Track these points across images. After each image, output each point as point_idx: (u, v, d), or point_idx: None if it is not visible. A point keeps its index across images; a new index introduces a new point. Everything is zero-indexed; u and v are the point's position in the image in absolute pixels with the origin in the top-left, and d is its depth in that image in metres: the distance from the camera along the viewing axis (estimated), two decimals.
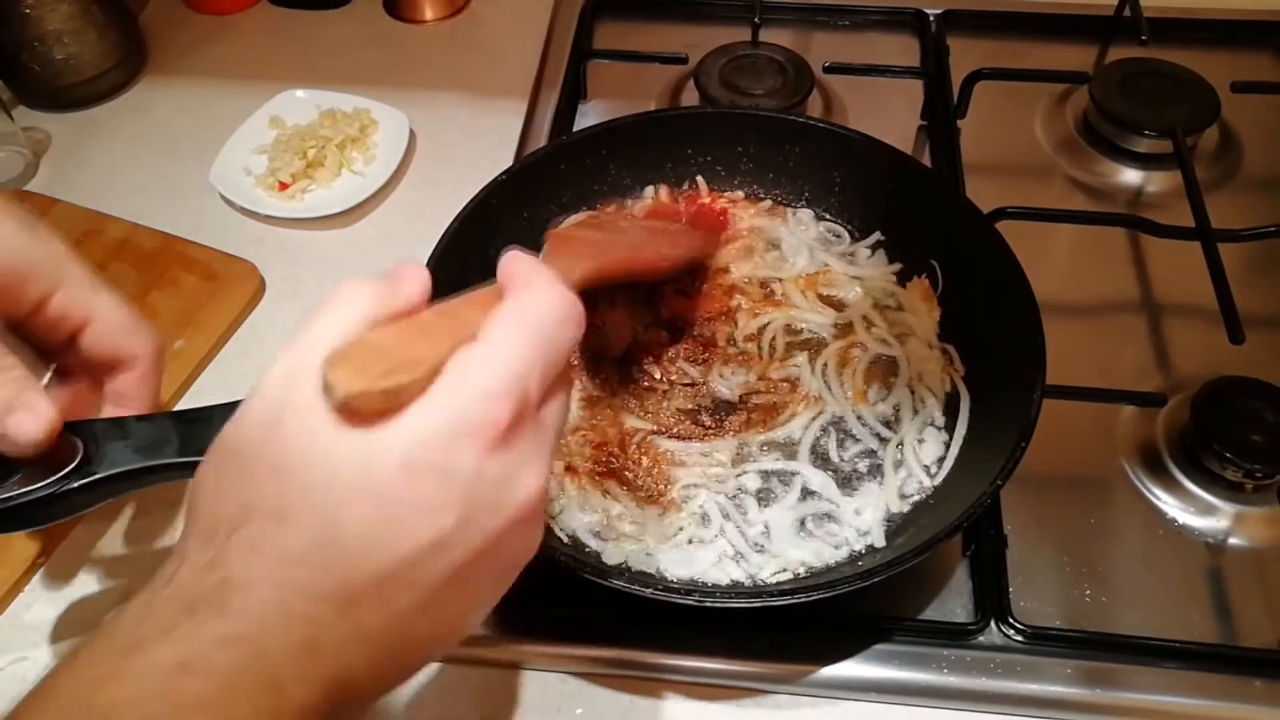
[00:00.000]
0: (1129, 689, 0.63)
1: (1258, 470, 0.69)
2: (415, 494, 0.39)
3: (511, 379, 0.40)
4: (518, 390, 0.40)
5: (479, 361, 0.40)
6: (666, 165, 0.86)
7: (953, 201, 0.77)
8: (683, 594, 0.62)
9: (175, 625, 0.37)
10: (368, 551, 0.38)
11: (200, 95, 1.04)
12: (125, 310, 0.59)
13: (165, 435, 0.56)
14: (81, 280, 0.57)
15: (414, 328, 0.42)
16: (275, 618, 0.37)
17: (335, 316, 0.41)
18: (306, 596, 0.38)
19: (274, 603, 0.37)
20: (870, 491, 0.69)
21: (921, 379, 0.74)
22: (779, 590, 0.64)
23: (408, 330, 0.42)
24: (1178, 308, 0.84)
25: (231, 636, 0.37)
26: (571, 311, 0.44)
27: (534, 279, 0.43)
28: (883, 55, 1.06)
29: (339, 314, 0.41)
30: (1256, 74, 1.00)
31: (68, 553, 0.71)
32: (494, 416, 0.40)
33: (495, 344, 0.41)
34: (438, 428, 0.39)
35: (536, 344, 0.42)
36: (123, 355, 0.59)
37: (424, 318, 0.43)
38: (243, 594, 0.37)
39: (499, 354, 0.41)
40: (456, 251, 0.73)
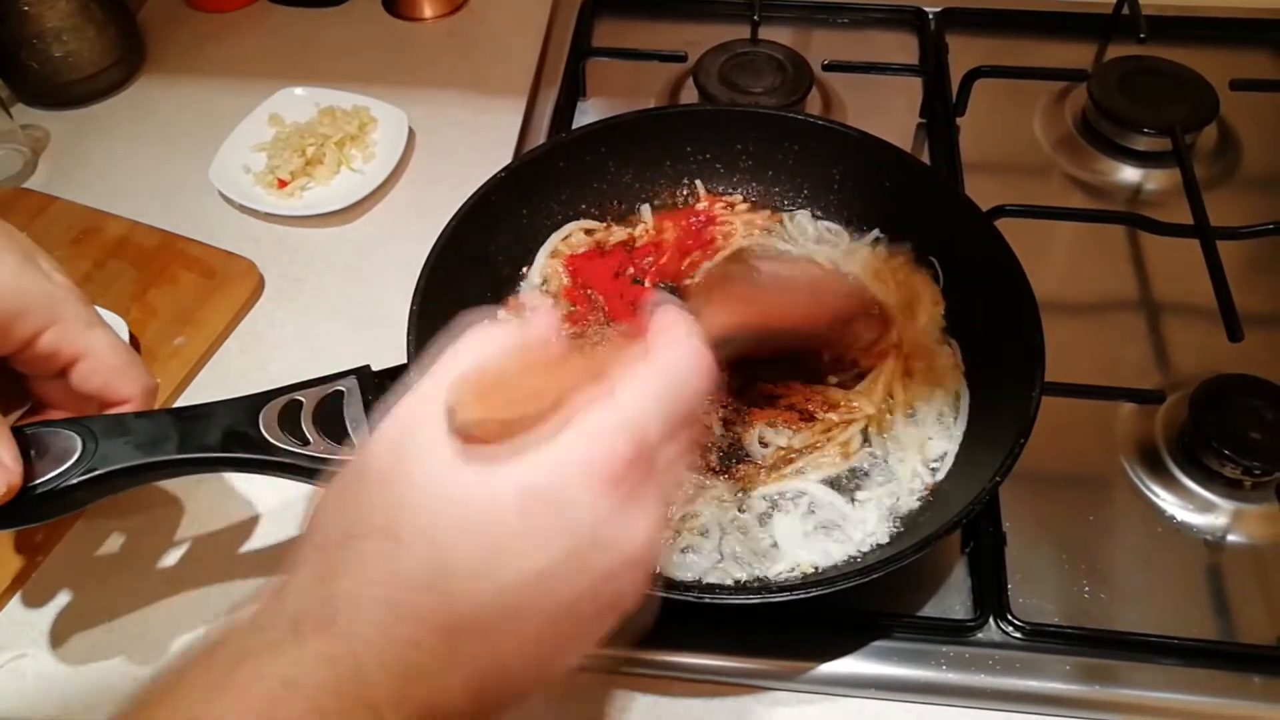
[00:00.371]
0: (1128, 686, 0.64)
1: (1256, 467, 0.70)
2: (525, 526, 0.39)
3: (632, 422, 0.41)
4: (637, 433, 0.41)
5: (603, 402, 0.41)
6: (665, 163, 0.86)
7: (952, 199, 0.77)
8: (681, 590, 0.62)
9: (282, 640, 0.37)
10: (474, 580, 0.38)
11: (199, 93, 1.04)
12: (120, 350, 0.59)
13: (165, 432, 0.56)
14: (78, 318, 0.57)
15: (541, 365, 0.43)
16: (378, 638, 0.37)
17: (468, 350, 0.43)
18: (410, 619, 0.38)
19: (377, 623, 0.37)
20: (874, 492, 0.69)
21: (928, 376, 0.74)
22: (777, 587, 0.64)
23: (534, 366, 0.43)
24: (1176, 305, 0.84)
25: (333, 656, 0.37)
26: (703, 367, 0.44)
27: (672, 333, 0.44)
28: (882, 53, 1.06)
29: (472, 348, 0.43)
30: (1255, 72, 1.00)
31: (68, 550, 0.71)
32: (610, 455, 0.40)
33: (624, 389, 0.42)
34: (553, 462, 0.39)
35: (663, 393, 0.42)
36: (111, 395, 0.58)
37: (552, 357, 0.44)
38: (348, 612, 0.37)
39: (624, 397, 0.41)
40: (455, 248, 0.73)
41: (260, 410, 0.58)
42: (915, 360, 0.75)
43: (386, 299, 0.68)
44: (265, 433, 0.58)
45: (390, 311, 0.67)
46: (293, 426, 0.58)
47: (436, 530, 0.39)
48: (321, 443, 0.59)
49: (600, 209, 0.85)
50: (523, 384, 0.42)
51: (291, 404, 0.59)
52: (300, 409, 0.59)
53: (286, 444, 0.57)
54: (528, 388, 0.41)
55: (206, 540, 0.71)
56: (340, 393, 0.61)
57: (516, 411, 0.40)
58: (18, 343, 0.55)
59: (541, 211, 0.83)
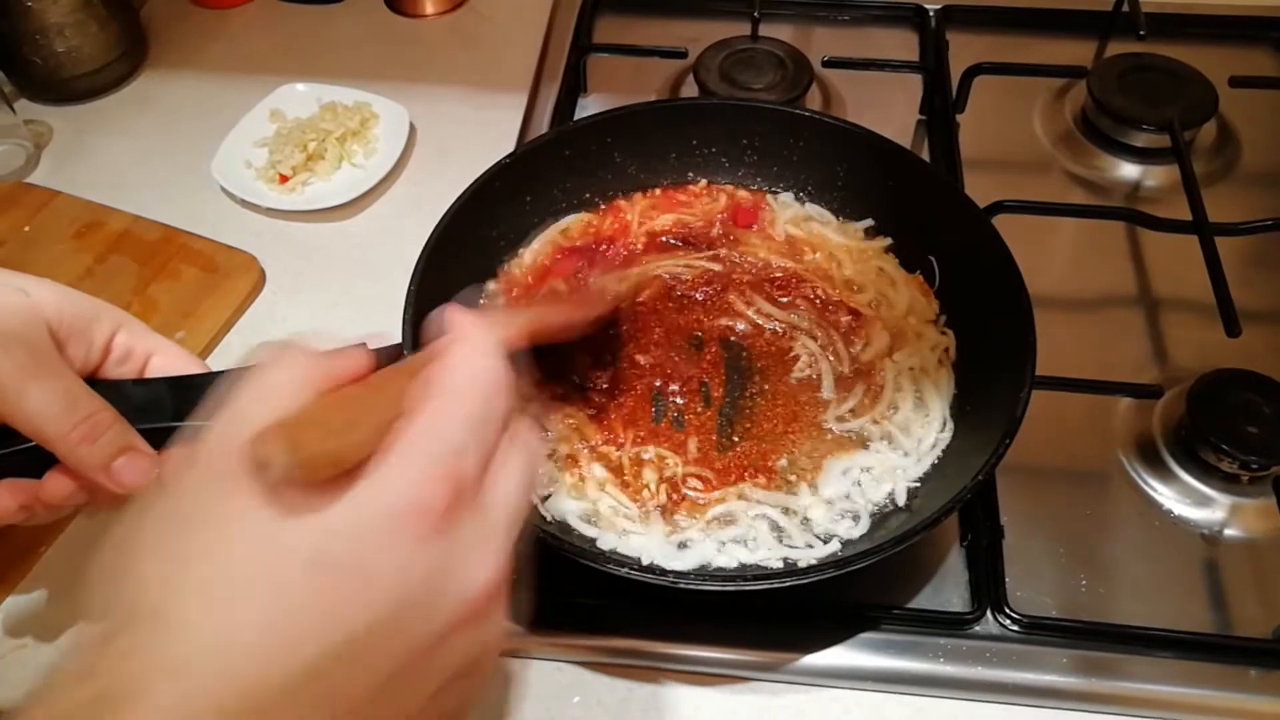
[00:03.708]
0: (1125, 678, 0.64)
1: (1253, 462, 0.70)
2: (320, 595, 0.34)
3: (443, 456, 0.36)
4: (451, 469, 0.36)
5: (405, 440, 0.36)
6: (671, 155, 0.86)
7: (949, 196, 0.77)
8: (656, 574, 0.62)
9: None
10: (264, 661, 0.33)
11: (201, 88, 1.05)
12: (179, 346, 0.61)
13: (159, 399, 0.57)
14: (135, 321, 0.59)
15: (347, 399, 0.39)
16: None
17: (260, 393, 0.38)
18: (193, 713, 0.32)
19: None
20: (864, 487, 0.69)
21: (925, 370, 0.74)
22: (754, 576, 0.63)
23: (339, 402, 0.38)
24: (1175, 301, 0.84)
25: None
26: (501, 379, 0.40)
27: (462, 347, 0.40)
28: (882, 50, 1.06)
29: (263, 391, 0.38)
30: (1254, 69, 1.01)
31: (69, 540, 0.71)
32: (423, 502, 0.35)
33: (422, 419, 0.37)
34: (357, 518, 0.35)
35: (468, 416, 0.38)
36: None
37: (355, 390, 0.40)
38: (119, 714, 0.32)
39: (426, 430, 0.37)
40: (457, 231, 0.74)
41: None
42: (900, 347, 0.75)
43: (387, 293, 0.68)
44: None
45: (391, 305, 0.67)
46: None
47: (218, 609, 0.34)
48: None
49: (604, 200, 0.85)
50: (335, 417, 0.37)
51: None
52: None
53: None
54: (342, 419, 0.37)
55: None
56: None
57: (343, 439, 0.35)
58: (100, 346, 0.57)
59: (544, 199, 0.83)
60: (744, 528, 0.66)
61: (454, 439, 0.37)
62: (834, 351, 0.75)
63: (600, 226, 0.84)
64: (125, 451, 0.54)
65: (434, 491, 0.36)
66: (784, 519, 0.67)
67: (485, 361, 0.40)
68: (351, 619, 0.34)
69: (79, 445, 0.52)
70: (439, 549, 0.36)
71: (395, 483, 0.36)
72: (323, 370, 0.39)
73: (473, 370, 0.39)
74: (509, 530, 0.39)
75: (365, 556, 0.35)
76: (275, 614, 0.34)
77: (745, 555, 0.65)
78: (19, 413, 0.51)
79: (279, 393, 0.38)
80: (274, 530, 0.35)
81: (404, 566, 0.35)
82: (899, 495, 0.68)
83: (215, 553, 0.35)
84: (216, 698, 0.33)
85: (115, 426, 0.54)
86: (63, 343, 0.54)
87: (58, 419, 0.52)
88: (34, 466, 0.54)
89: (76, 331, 0.55)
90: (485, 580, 0.37)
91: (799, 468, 0.69)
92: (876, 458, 0.70)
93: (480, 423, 0.38)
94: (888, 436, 0.71)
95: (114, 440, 0.53)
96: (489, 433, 0.39)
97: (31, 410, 0.51)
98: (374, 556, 0.35)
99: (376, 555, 0.35)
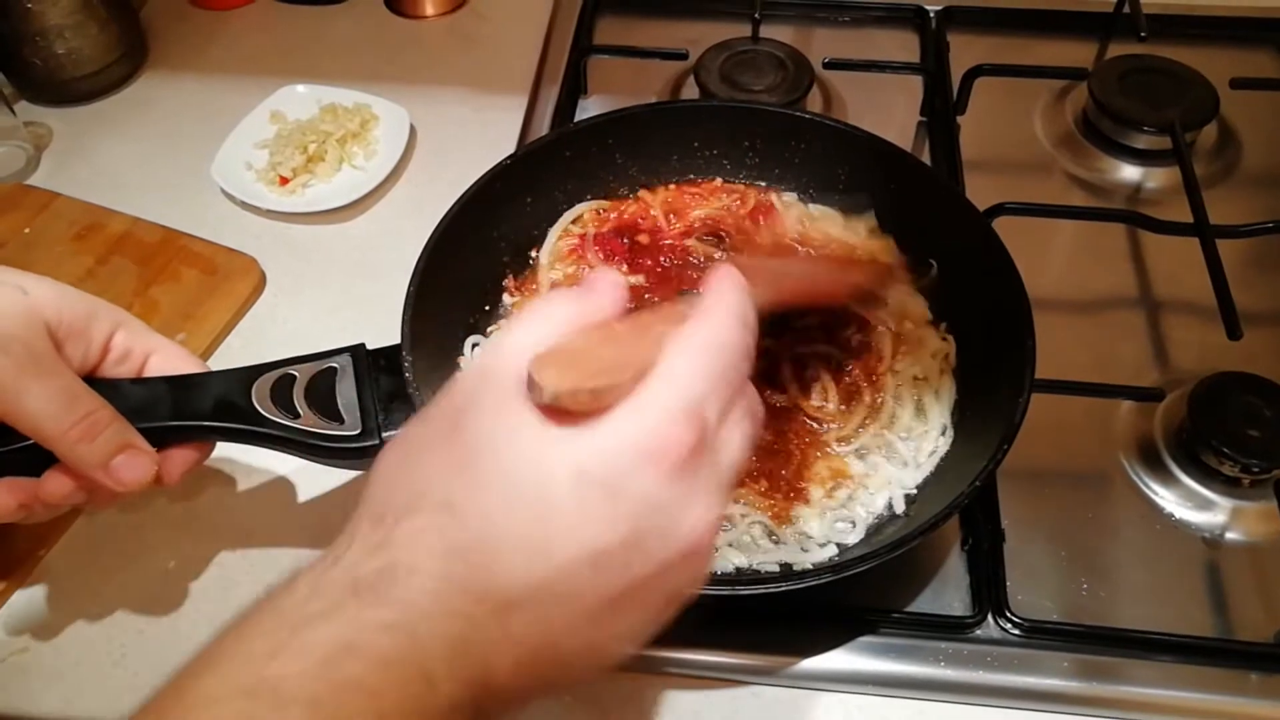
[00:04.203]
0: (1126, 682, 0.64)
1: (1255, 465, 0.70)
2: (582, 507, 0.38)
3: (694, 401, 0.40)
4: (697, 415, 0.40)
5: (663, 381, 0.40)
6: (673, 157, 0.86)
7: (949, 199, 0.77)
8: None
9: (341, 606, 0.37)
10: (526, 556, 0.38)
11: (201, 90, 1.04)
12: (177, 345, 0.62)
13: (158, 398, 0.57)
14: (134, 320, 0.60)
15: (611, 337, 0.43)
16: (432, 610, 0.37)
17: (536, 325, 0.42)
18: (463, 593, 0.38)
19: (431, 594, 0.37)
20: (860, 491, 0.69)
21: (927, 379, 0.74)
22: (749, 580, 0.63)
23: (606, 338, 0.43)
24: (1176, 303, 0.84)
25: (392, 624, 0.37)
26: (749, 342, 0.44)
27: (719, 305, 0.43)
28: (883, 51, 1.06)
29: (539, 323, 0.42)
30: (1255, 71, 1.01)
31: (70, 545, 0.71)
32: (676, 440, 0.39)
33: (679, 363, 0.41)
34: (617, 445, 0.39)
35: (716, 367, 0.42)
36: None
37: (618, 328, 0.44)
38: (404, 582, 0.37)
39: (682, 375, 0.41)
40: (457, 233, 0.73)
41: (254, 382, 0.59)
42: (902, 354, 0.74)
43: (388, 295, 0.68)
44: (257, 405, 0.58)
45: (391, 308, 0.67)
46: (285, 400, 0.59)
47: (492, 502, 0.38)
48: (311, 417, 0.60)
49: (605, 200, 0.85)
50: (601, 356, 0.41)
51: (285, 378, 0.60)
52: (293, 383, 0.60)
53: (277, 417, 0.58)
54: (607, 359, 0.40)
55: (208, 536, 0.72)
56: (334, 369, 0.62)
57: (604, 381, 0.39)
58: (99, 345, 0.57)
59: (546, 200, 0.83)
60: (740, 532, 0.66)
61: (702, 390, 0.41)
62: (837, 364, 0.74)
63: (621, 210, 0.84)
64: (124, 449, 0.54)
65: (682, 434, 0.39)
66: (780, 526, 0.67)
67: (738, 323, 0.43)
68: (603, 534, 0.38)
69: (78, 444, 0.53)
70: (680, 486, 0.40)
71: (650, 420, 0.39)
72: (590, 306, 0.44)
73: (726, 330, 0.43)
74: (731, 482, 0.43)
75: (620, 480, 0.39)
76: (543, 516, 0.38)
77: (741, 559, 0.65)
78: (17, 411, 0.52)
79: (553, 324, 0.42)
80: (547, 443, 0.39)
81: (650, 496, 0.39)
82: (897, 504, 0.68)
83: (497, 455, 0.39)
84: (484, 582, 0.38)
85: (114, 425, 0.54)
86: (61, 342, 0.55)
87: (56, 417, 0.52)
88: (33, 465, 0.55)
89: (75, 330, 0.56)
90: (708, 523, 0.41)
91: (797, 477, 0.69)
92: (875, 470, 0.69)
93: (724, 379, 0.42)
94: (887, 447, 0.70)
95: (112, 438, 0.54)
96: (729, 389, 0.42)
97: (30, 408, 0.52)
98: (627, 481, 0.39)
99: (629, 481, 0.39)
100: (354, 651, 0.36)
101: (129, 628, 0.67)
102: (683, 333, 0.42)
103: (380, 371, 0.63)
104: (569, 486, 0.38)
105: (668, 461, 0.39)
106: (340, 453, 0.61)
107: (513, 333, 0.43)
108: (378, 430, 0.61)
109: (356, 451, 0.61)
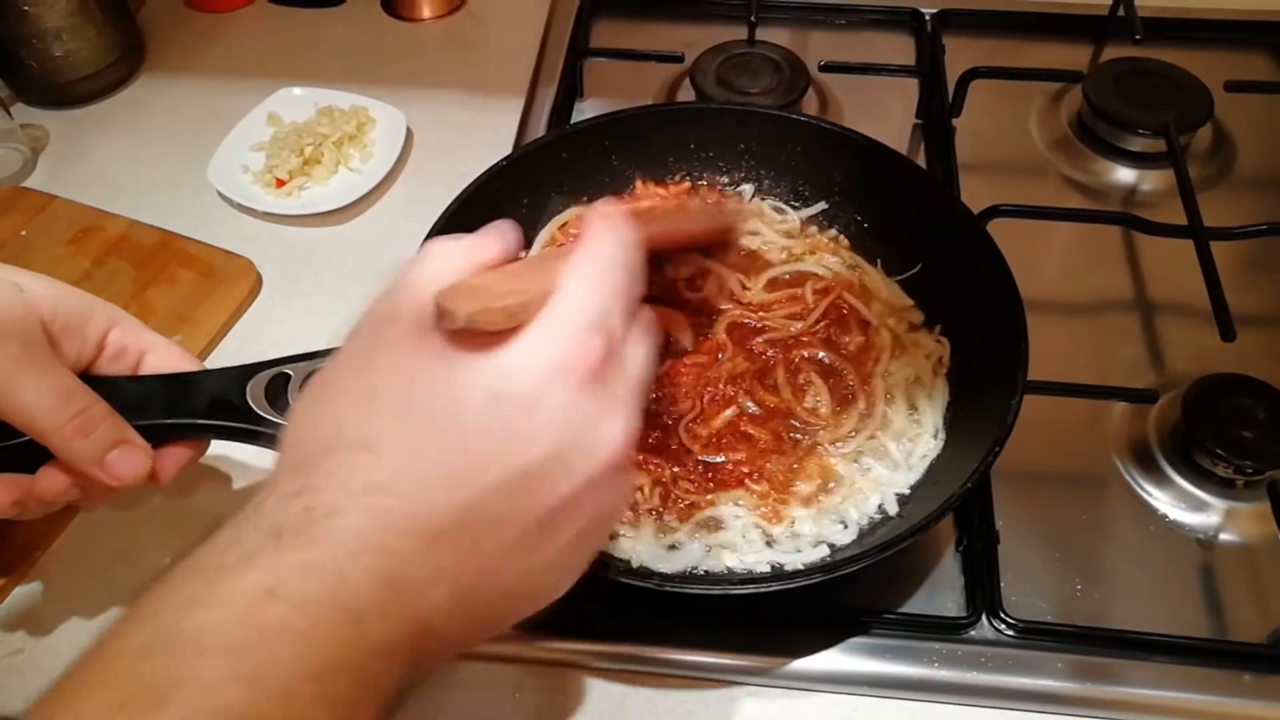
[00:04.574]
0: (1120, 683, 0.64)
1: (1248, 467, 0.70)
2: (501, 426, 0.38)
3: (597, 315, 0.41)
4: (603, 327, 0.41)
5: (564, 299, 0.41)
6: (669, 159, 0.86)
7: (943, 202, 0.77)
8: (643, 577, 0.62)
9: (262, 551, 0.37)
10: (449, 484, 0.38)
11: (198, 93, 1.05)
12: (172, 343, 0.62)
13: (153, 396, 0.57)
14: (129, 318, 0.60)
15: (508, 273, 0.44)
16: (357, 547, 0.37)
17: (432, 265, 0.43)
18: (388, 528, 0.37)
19: (355, 532, 0.37)
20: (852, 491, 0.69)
21: (920, 381, 0.74)
22: (740, 580, 0.63)
23: (504, 275, 0.44)
24: (1170, 305, 0.84)
25: (315, 564, 0.36)
26: (637, 262, 0.45)
27: (604, 231, 0.44)
28: (879, 54, 1.06)
29: (434, 264, 0.43)
30: (1250, 73, 1.01)
31: (65, 545, 0.71)
32: (587, 350, 0.40)
33: (576, 283, 0.42)
34: (530, 360, 0.39)
35: (612, 284, 0.42)
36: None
37: (514, 267, 0.45)
38: (327, 522, 0.37)
39: (581, 292, 0.41)
40: (452, 234, 0.73)
41: (248, 381, 0.59)
42: (896, 355, 0.74)
43: None
44: (252, 403, 0.58)
45: None
46: (280, 399, 0.59)
47: (409, 433, 0.38)
48: None
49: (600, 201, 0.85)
50: (504, 287, 0.41)
51: (279, 377, 0.60)
52: (288, 382, 0.60)
53: (272, 415, 0.58)
54: (510, 288, 0.41)
55: (204, 534, 0.71)
56: None
57: (512, 300, 0.40)
58: (94, 342, 0.57)
59: (542, 201, 0.83)
60: (733, 533, 0.66)
61: (604, 304, 0.42)
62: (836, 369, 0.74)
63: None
64: (119, 445, 0.54)
65: (591, 343, 0.40)
66: (772, 526, 0.67)
67: (626, 245, 0.44)
68: (524, 451, 0.39)
69: (73, 439, 0.53)
70: (595, 397, 0.40)
71: (559, 334, 0.40)
72: (484, 248, 0.45)
73: (616, 250, 0.44)
74: (639, 396, 0.43)
75: (536, 394, 0.39)
76: (461, 442, 0.38)
77: (733, 560, 0.65)
78: (13, 406, 0.52)
79: (450, 265, 0.43)
80: (458, 367, 0.39)
81: (567, 406, 0.39)
82: (890, 505, 0.68)
83: (410, 387, 0.39)
84: (407, 515, 0.38)
85: (109, 420, 0.54)
86: (56, 339, 0.55)
87: (51, 412, 0.52)
88: (27, 462, 0.55)
89: (70, 327, 0.55)
90: (624, 434, 0.41)
91: (790, 478, 0.69)
92: (867, 472, 0.69)
93: (622, 295, 0.43)
94: (880, 449, 0.70)
95: (107, 434, 0.54)
96: (628, 305, 0.43)
97: (26, 404, 0.52)
98: (543, 395, 0.39)
99: (545, 394, 0.39)
100: (276, 595, 0.35)
101: None
102: (576, 256, 0.43)
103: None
104: (485, 408, 0.38)
105: (581, 371, 0.40)
106: None
107: (411, 271, 0.43)
108: None
109: None
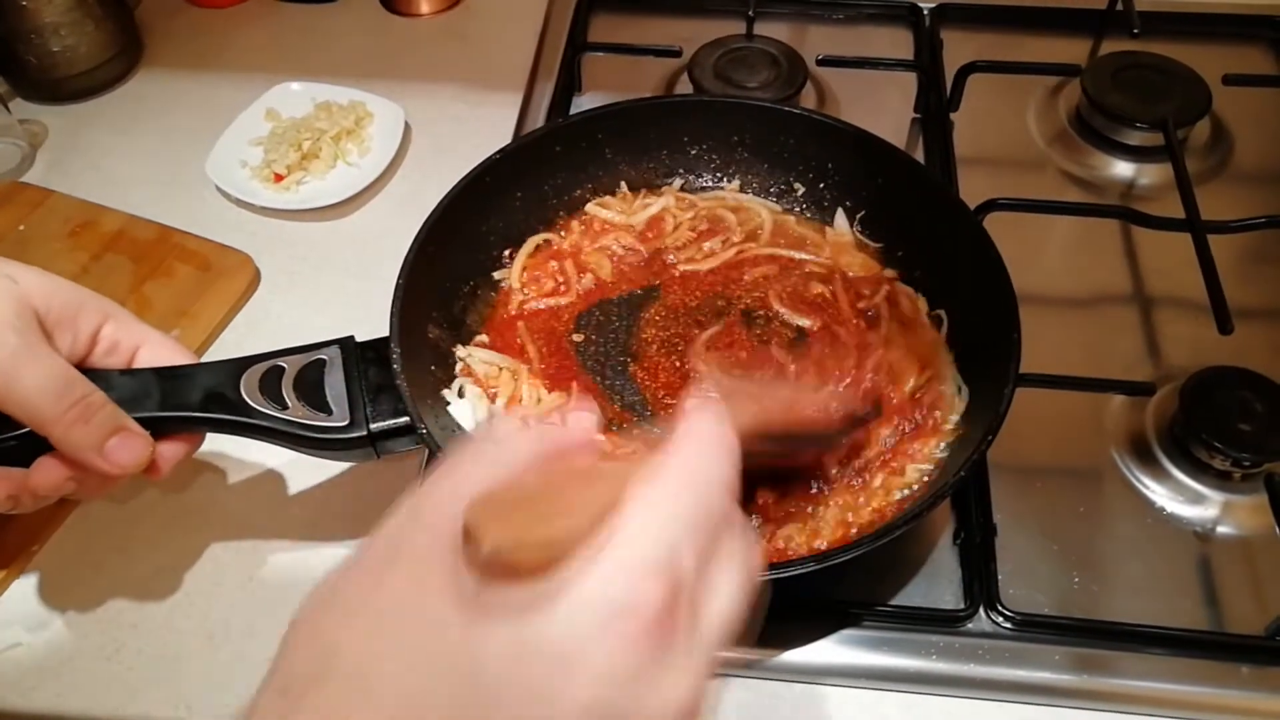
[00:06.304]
0: (1118, 675, 0.64)
1: (1246, 459, 0.70)
2: (520, 686, 0.31)
3: (665, 551, 0.33)
4: (671, 567, 0.33)
5: (625, 528, 0.33)
6: (662, 152, 0.86)
7: (940, 196, 0.77)
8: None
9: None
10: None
11: (196, 88, 1.05)
12: (166, 336, 0.62)
13: (147, 389, 0.57)
14: (123, 312, 0.60)
15: (569, 477, 0.36)
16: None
17: (481, 463, 0.36)
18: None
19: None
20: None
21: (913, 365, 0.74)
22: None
23: (563, 479, 0.36)
24: (1168, 299, 0.84)
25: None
26: (730, 476, 0.37)
27: (694, 434, 0.37)
28: (876, 48, 1.06)
29: (490, 455, 0.36)
30: (1248, 67, 1.01)
31: (62, 540, 0.71)
32: (645, 597, 0.32)
33: (644, 508, 0.34)
34: (571, 607, 0.32)
35: (690, 511, 0.34)
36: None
37: (576, 471, 0.37)
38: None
39: (649, 520, 0.33)
40: (447, 226, 0.73)
41: (242, 374, 0.60)
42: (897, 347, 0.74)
43: (382, 291, 0.68)
44: (246, 396, 0.59)
45: (385, 305, 0.67)
46: (274, 392, 0.60)
47: (414, 676, 0.32)
48: (300, 409, 0.60)
49: (595, 195, 0.85)
50: (556, 498, 0.34)
51: (274, 369, 0.61)
52: (282, 375, 0.60)
53: (266, 408, 0.59)
54: (563, 502, 0.34)
55: (200, 528, 0.72)
56: (322, 361, 0.63)
57: (554, 530, 0.32)
58: (88, 335, 0.57)
59: (536, 195, 0.83)
60: None
61: (675, 535, 0.33)
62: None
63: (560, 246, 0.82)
64: (118, 432, 0.54)
65: (652, 589, 0.32)
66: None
67: (717, 454, 0.37)
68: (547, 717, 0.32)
69: (72, 426, 0.53)
70: (651, 655, 0.32)
71: (611, 574, 0.32)
72: (548, 444, 0.37)
73: (703, 462, 0.36)
74: (716, 650, 0.35)
75: (576, 650, 0.32)
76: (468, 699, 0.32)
77: None
78: (12, 396, 0.52)
79: (510, 456, 0.36)
80: (479, 615, 0.32)
81: (613, 668, 0.32)
82: None
83: (419, 625, 0.33)
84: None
85: (107, 408, 0.54)
86: (50, 331, 0.55)
87: (52, 401, 0.52)
88: (21, 455, 0.55)
89: (64, 320, 0.56)
90: (685, 701, 0.33)
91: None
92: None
93: (703, 521, 0.35)
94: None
95: (106, 421, 0.54)
96: (709, 532, 0.35)
97: (27, 391, 0.52)
98: (584, 652, 0.31)
99: (587, 650, 0.32)
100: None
101: (122, 622, 0.68)
102: (651, 468, 0.35)
103: (368, 363, 0.63)
104: (503, 661, 0.31)
105: (634, 624, 0.32)
106: (328, 444, 0.61)
107: (454, 469, 0.36)
108: (365, 421, 0.61)
109: (344, 442, 0.61)
